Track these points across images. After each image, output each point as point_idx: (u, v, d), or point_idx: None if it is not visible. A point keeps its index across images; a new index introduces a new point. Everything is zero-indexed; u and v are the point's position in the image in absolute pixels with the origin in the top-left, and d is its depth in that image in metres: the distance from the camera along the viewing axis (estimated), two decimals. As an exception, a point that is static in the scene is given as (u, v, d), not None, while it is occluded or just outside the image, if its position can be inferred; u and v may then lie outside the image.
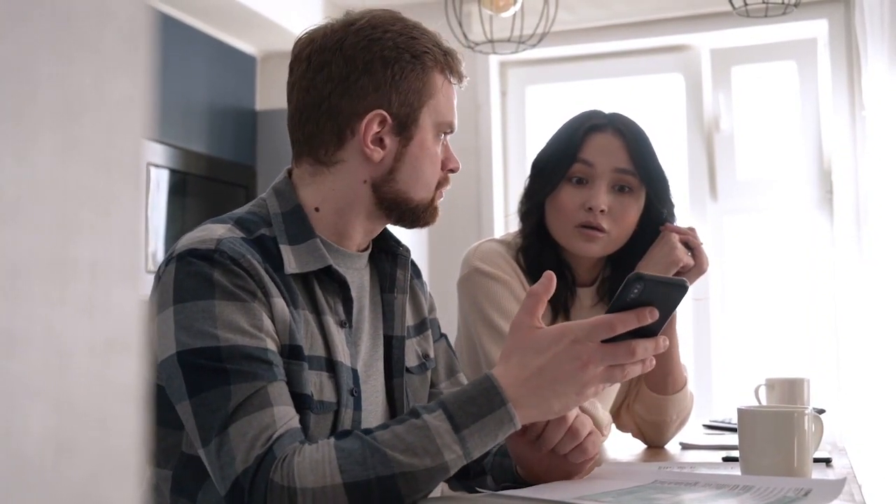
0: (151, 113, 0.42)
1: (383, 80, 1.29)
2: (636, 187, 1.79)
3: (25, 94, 0.37)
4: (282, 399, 1.15)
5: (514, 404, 1.11)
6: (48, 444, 0.37)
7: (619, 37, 4.17)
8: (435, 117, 1.34)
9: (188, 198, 3.51)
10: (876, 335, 3.53)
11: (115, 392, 0.40)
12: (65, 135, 0.38)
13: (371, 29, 1.31)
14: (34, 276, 0.37)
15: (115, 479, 0.40)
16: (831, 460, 1.54)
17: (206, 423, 1.12)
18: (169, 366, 1.16)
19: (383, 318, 1.41)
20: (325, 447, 1.08)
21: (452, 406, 1.10)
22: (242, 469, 1.08)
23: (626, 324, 1.11)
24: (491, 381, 1.12)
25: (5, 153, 0.36)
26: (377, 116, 1.29)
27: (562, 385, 1.12)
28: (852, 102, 3.84)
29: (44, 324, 0.37)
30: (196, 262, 1.19)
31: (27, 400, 0.37)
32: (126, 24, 0.40)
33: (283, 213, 1.31)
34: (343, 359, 1.29)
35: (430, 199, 1.36)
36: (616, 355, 1.13)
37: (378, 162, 1.31)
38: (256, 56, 4.22)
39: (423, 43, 1.32)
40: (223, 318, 1.16)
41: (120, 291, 0.41)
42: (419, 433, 1.08)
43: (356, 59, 1.29)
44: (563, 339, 1.12)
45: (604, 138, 1.79)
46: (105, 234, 0.40)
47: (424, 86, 1.32)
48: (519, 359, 1.13)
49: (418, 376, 1.45)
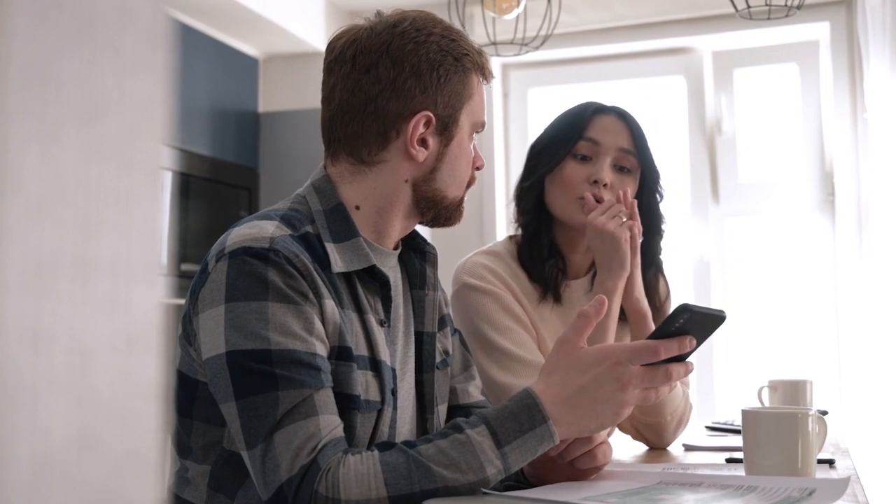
0: (171, 114, 0.42)
1: (430, 83, 1.31)
2: (634, 169, 1.86)
3: (49, 94, 0.37)
4: (327, 407, 1.16)
5: (554, 421, 1.14)
6: (71, 440, 0.38)
7: (622, 39, 4.18)
8: (471, 117, 1.37)
9: (191, 200, 3.51)
10: (877, 336, 3.53)
11: (135, 389, 0.40)
12: (87, 134, 0.39)
13: (416, 32, 1.32)
14: (58, 273, 0.38)
15: (136, 474, 0.40)
16: (834, 461, 1.54)
17: (251, 428, 1.13)
18: (216, 364, 1.16)
19: (413, 314, 1.43)
20: (371, 460, 1.10)
21: (495, 422, 1.13)
22: (287, 478, 1.10)
23: (670, 350, 1.16)
24: (533, 399, 1.15)
25: (30, 152, 0.36)
26: (423, 118, 1.31)
27: (601, 405, 1.16)
28: (854, 105, 3.84)
29: (67, 322, 0.38)
30: (250, 260, 1.19)
31: (50, 397, 0.37)
32: (147, 25, 0.41)
33: (326, 210, 1.32)
34: (385, 358, 1.30)
35: (461, 197, 1.40)
36: (655, 378, 1.17)
37: (421, 162, 1.33)
38: (259, 58, 4.23)
39: (463, 46, 1.36)
40: (275, 321, 1.16)
41: (140, 290, 0.41)
42: (463, 449, 1.11)
43: (404, 62, 1.31)
44: (606, 360, 1.16)
45: (609, 120, 1.85)
46: (126, 233, 0.40)
47: (465, 87, 1.35)
48: (561, 377, 1.17)
49: (441, 371, 1.46)
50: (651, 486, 1.25)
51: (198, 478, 1.28)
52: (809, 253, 3.98)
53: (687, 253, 4.07)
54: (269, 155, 3.94)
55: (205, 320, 1.19)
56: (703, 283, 4.08)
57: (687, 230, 4.08)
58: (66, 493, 0.38)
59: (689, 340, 1.17)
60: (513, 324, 1.77)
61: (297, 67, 4.20)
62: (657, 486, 1.26)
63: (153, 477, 0.41)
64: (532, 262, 1.85)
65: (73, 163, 0.39)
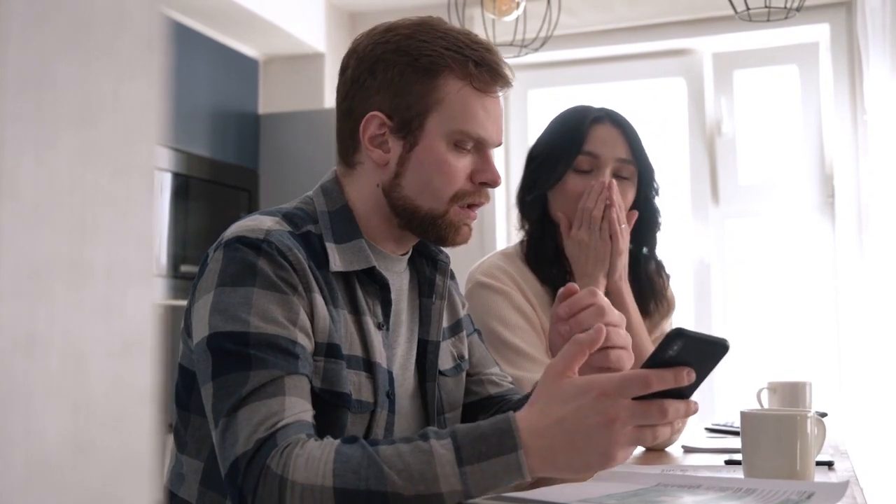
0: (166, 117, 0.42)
1: (383, 82, 1.29)
2: (632, 175, 1.91)
3: (45, 98, 0.37)
4: (297, 391, 1.14)
5: (527, 451, 1.03)
6: (66, 444, 0.38)
7: (622, 41, 4.18)
8: (448, 124, 1.30)
9: (191, 201, 3.51)
10: (877, 338, 3.53)
11: (131, 393, 0.40)
12: (83, 138, 0.39)
13: (383, 32, 1.32)
14: (53, 277, 0.38)
15: (131, 478, 0.40)
16: (833, 463, 1.55)
17: (218, 406, 1.12)
18: (200, 349, 1.17)
19: (419, 322, 1.41)
20: (328, 447, 1.07)
21: (463, 438, 1.05)
22: (242, 451, 1.08)
23: (663, 382, 1.02)
24: (509, 424, 1.04)
25: (26, 156, 0.36)
26: (375, 118, 1.30)
27: (584, 441, 1.03)
28: (854, 106, 3.84)
29: (62, 326, 0.38)
30: (242, 248, 1.20)
31: (45, 401, 0.37)
32: (142, 30, 0.41)
33: (331, 211, 1.33)
34: (380, 360, 1.29)
35: (443, 211, 1.32)
36: (648, 414, 1.03)
37: (384, 165, 1.31)
38: (259, 59, 4.23)
39: (434, 46, 1.29)
40: (259, 307, 1.16)
41: (135, 294, 0.41)
42: (421, 457, 1.04)
43: (364, 61, 1.31)
44: (591, 391, 1.03)
45: (605, 130, 1.89)
46: (121, 237, 0.40)
47: (430, 90, 1.29)
48: (542, 406, 1.05)
49: (452, 378, 1.45)
50: (650, 488, 1.25)
51: (191, 474, 1.28)
52: (809, 254, 3.98)
53: (687, 254, 4.07)
54: (269, 156, 3.94)
55: (197, 308, 1.21)
56: (703, 285, 4.08)
57: (687, 232, 4.08)
58: (60, 497, 0.38)
59: (687, 372, 1.03)
60: (523, 322, 1.81)
61: (298, 69, 4.21)
62: (656, 487, 1.26)
63: (148, 481, 0.41)
64: (539, 266, 1.89)
65: (69, 167, 0.39)
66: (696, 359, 1.04)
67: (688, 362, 1.03)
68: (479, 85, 1.31)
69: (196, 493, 1.28)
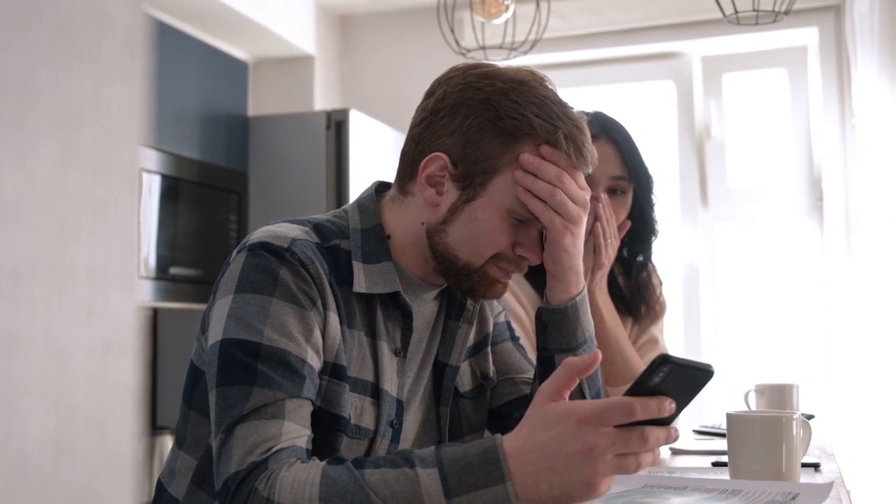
0: (147, 121, 0.43)
1: (461, 127, 1.25)
2: (627, 190, 1.94)
3: (26, 102, 0.37)
4: (296, 416, 1.14)
5: (513, 479, 1.00)
6: (47, 445, 0.38)
7: (611, 44, 4.19)
8: (514, 191, 1.25)
9: (180, 203, 3.51)
10: (865, 341, 3.54)
11: (112, 394, 0.41)
12: (64, 142, 0.39)
13: (480, 77, 1.27)
14: (34, 279, 0.38)
15: (113, 480, 0.40)
16: (819, 465, 1.55)
17: (219, 417, 1.13)
18: (212, 351, 1.17)
19: (440, 343, 1.38)
20: (314, 469, 1.06)
21: (449, 468, 1.01)
22: (235, 470, 1.08)
23: (648, 411, 0.98)
24: (495, 452, 1.01)
25: (6, 160, 0.36)
26: (439, 159, 1.26)
27: (564, 470, 0.99)
28: (842, 110, 3.86)
29: (43, 327, 0.38)
30: (266, 255, 1.19)
31: (26, 402, 0.38)
32: (124, 33, 0.41)
33: (364, 229, 1.30)
34: (389, 388, 1.28)
35: (480, 265, 1.28)
36: (629, 442, 0.99)
37: (434, 206, 1.28)
38: (249, 62, 4.23)
39: (521, 110, 1.24)
40: (275, 318, 1.16)
41: (117, 295, 0.41)
42: (409, 486, 1.01)
43: (449, 97, 1.27)
44: (570, 417, 0.99)
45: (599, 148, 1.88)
46: (103, 240, 0.41)
47: (503, 150, 1.24)
48: (527, 431, 1.02)
49: (472, 401, 1.43)
50: (636, 490, 1.26)
51: (184, 470, 1.29)
52: (798, 258, 3.99)
53: (676, 258, 4.08)
54: (259, 159, 3.94)
55: (215, 310, 1.21)
56: (692, 288, 4.09)
57: (676, 235, 4.09)
58: (41, 498, 0.38)
59: (669, 402, 1.00)
60: (515, 325, 1.82)
61: (287, 71, 4.20)
62: (642, 489, 1.26)
63: (130, 483, 0.41)
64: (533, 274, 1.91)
65: (50, 170, 0.39)
66: (681, 385, 1.02)
67: (672, 389, 1.01)
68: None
69: (185, 490, 1.28)
